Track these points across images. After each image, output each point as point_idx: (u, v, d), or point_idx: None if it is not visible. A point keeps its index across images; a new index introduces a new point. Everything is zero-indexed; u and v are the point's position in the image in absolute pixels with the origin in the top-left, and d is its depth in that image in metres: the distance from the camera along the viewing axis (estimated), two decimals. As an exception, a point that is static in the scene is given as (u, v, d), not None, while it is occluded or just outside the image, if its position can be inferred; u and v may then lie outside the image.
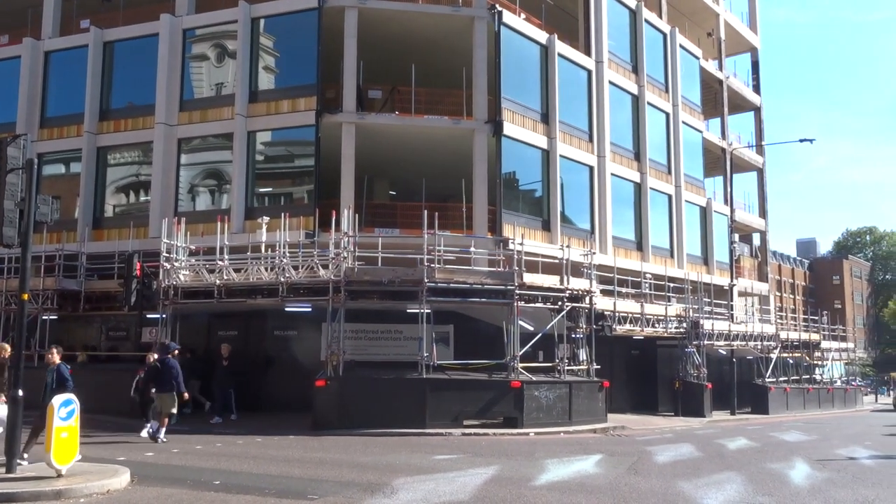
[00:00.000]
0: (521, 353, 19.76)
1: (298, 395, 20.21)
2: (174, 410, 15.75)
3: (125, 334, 24.30)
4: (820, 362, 42.24)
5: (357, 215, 20.68)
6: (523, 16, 27.40)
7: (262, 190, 26.47)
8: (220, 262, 19.97)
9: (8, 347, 15.02)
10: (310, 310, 21.11)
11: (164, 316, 20.37)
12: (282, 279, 19.24)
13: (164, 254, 20.37)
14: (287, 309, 21.35)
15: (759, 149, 45.03)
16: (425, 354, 18.79)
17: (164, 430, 15.57)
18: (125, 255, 21.84)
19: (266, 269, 19.93)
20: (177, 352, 16.81)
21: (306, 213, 23.69)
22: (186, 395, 16.46)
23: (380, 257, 19.79)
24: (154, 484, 10.34)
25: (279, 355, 23.05)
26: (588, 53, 29.98)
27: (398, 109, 25.59)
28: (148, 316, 21.35)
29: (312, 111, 24.37)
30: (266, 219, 21.73)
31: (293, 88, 25.45)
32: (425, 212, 19.59)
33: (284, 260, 19.43)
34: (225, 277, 19.90)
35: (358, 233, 19.90)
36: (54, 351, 12.49)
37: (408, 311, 20.46)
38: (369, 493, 9.78)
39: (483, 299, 20.07)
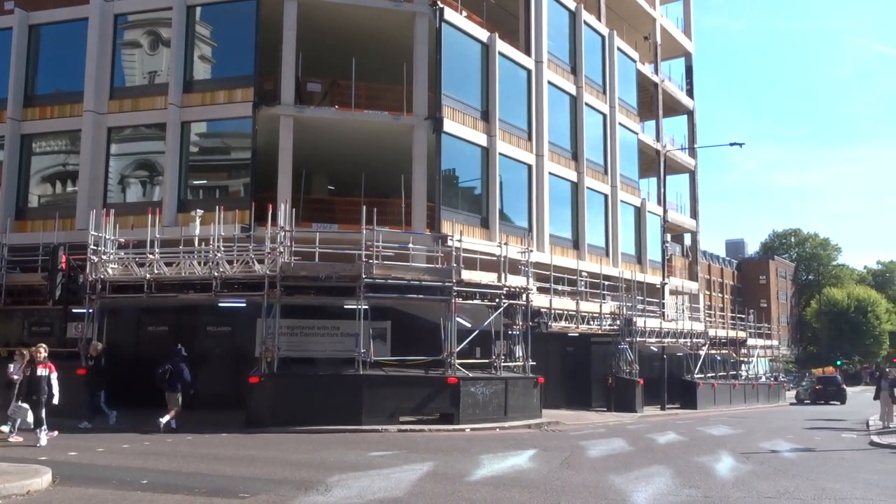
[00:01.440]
0: (458, 349, 19.83)
1: (232, 393, 19.85)
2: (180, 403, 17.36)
3: (49, 329, 23.30)
4: (746, 359, 43.78)
5: (294, 210, 20.42)
6: (465, 13, 27.47)
7: (196, 182, 25.85)
8: (150, 256, 19.42)
9: (43, 349, 15.04)
10: (244, 305, 20.73)
11: (90, 311, 19.72)
12: (215, 274, 18.85)
13: (92, 246, 19.71)
14: (221, 304, 20.91)
15: (692, 151, 46.32)
16: (362, 351, 18.68)
17: (174, 420, 17.15)
18: (50, 247, 21.00)
19: (199, 264, 19.49)
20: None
21: (242, 206, 23.24)
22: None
23: (317, 252, 19.62)
24: (77, 484, 9.97)
25: (212, 351, 22.56)
26: (528, 53, 30.28)
27: (338, 103, 25.34)
28: (74, 311, 20.60)
29: (249, 103, 23.90)
30: (200, 212, 21.25)
31: (230, 79, 24.91)
32: (364, 207, 19.49)
33: (218, 254, 19.03)
34: (156, 271, 19.37)
35: (295, 227, 19.65)
36: None
37: (345, 307, 20.28)
38: (303, 490, 9.65)
39: (421, 296, 20.07)
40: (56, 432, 15.20)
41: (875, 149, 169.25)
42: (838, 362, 72.13)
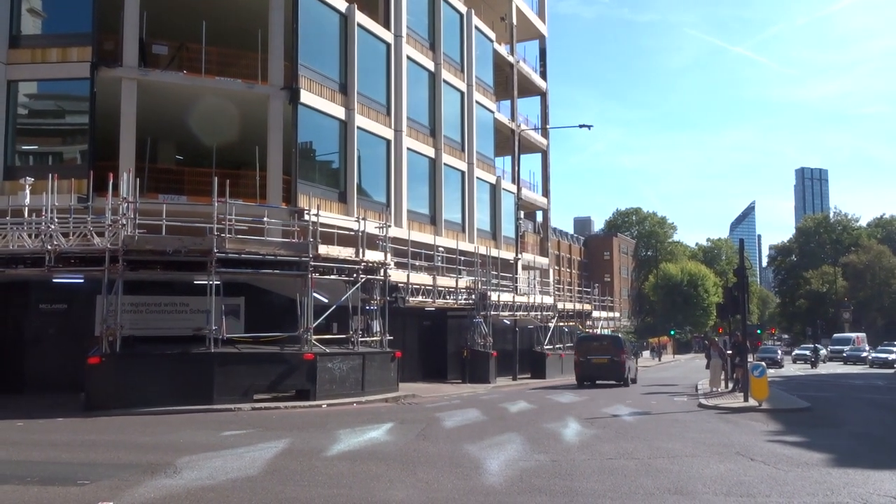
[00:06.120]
0: (314, 325, 19.60)
1: (68, 376, 18.59)
2: None
3: None
4: (591, 330, 46.32)
5: (139, 180, 19.21)
6: (322, -19, 26.75)
7: (25, 147, 23.71)
8: (-29, 227, 17.66)
9: None
10: (82, 281, 19.35)
11: None
12: (49, 247, 17.42)
13: None
14: (55, 280, 19.38)
15: (544, 132, 48.01)
16: (214, 328, 18.01)
17: None
18: None
19: (30, 236, 17.96)
20: None
21: (79, 175, 21.56)
22: None
23: (164, 225, 18.61)
24: None
25: (45, 331, 20.97)
26: (387, 27, 30.03)
27: (186, 68, 23.99)
28: None
29: (87, 63, 22.14)
30: (30, 180, 19.57)
31: (64, 36, 22.95)
32: (215, 178, 18.70)
33: (52, 226, 17.60)
34: (-22, 244, 17.64)
35: (140, 198, 18.50)
36: None
37: (195, 282, 19.45)
38: (149, 473, 9.18)
39: (277, 271, 19.58)
40: None
41: (705, 134, 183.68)
42: (672, 332, 77.82)
